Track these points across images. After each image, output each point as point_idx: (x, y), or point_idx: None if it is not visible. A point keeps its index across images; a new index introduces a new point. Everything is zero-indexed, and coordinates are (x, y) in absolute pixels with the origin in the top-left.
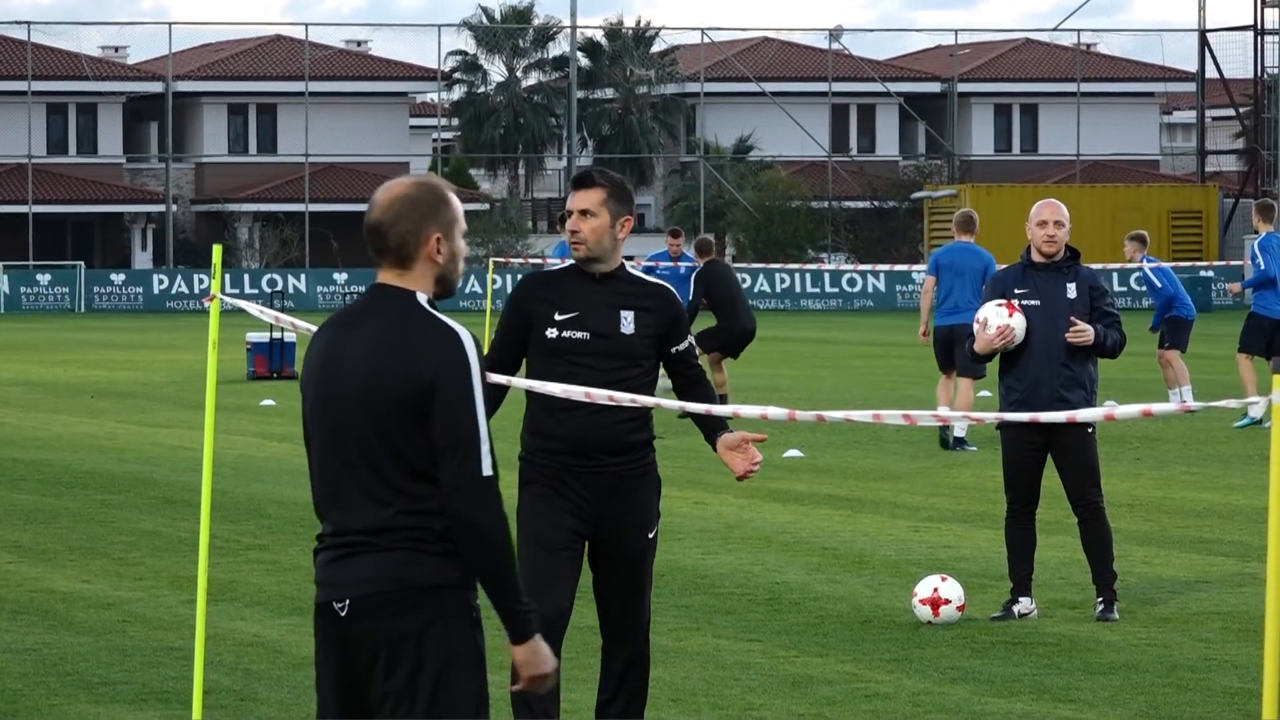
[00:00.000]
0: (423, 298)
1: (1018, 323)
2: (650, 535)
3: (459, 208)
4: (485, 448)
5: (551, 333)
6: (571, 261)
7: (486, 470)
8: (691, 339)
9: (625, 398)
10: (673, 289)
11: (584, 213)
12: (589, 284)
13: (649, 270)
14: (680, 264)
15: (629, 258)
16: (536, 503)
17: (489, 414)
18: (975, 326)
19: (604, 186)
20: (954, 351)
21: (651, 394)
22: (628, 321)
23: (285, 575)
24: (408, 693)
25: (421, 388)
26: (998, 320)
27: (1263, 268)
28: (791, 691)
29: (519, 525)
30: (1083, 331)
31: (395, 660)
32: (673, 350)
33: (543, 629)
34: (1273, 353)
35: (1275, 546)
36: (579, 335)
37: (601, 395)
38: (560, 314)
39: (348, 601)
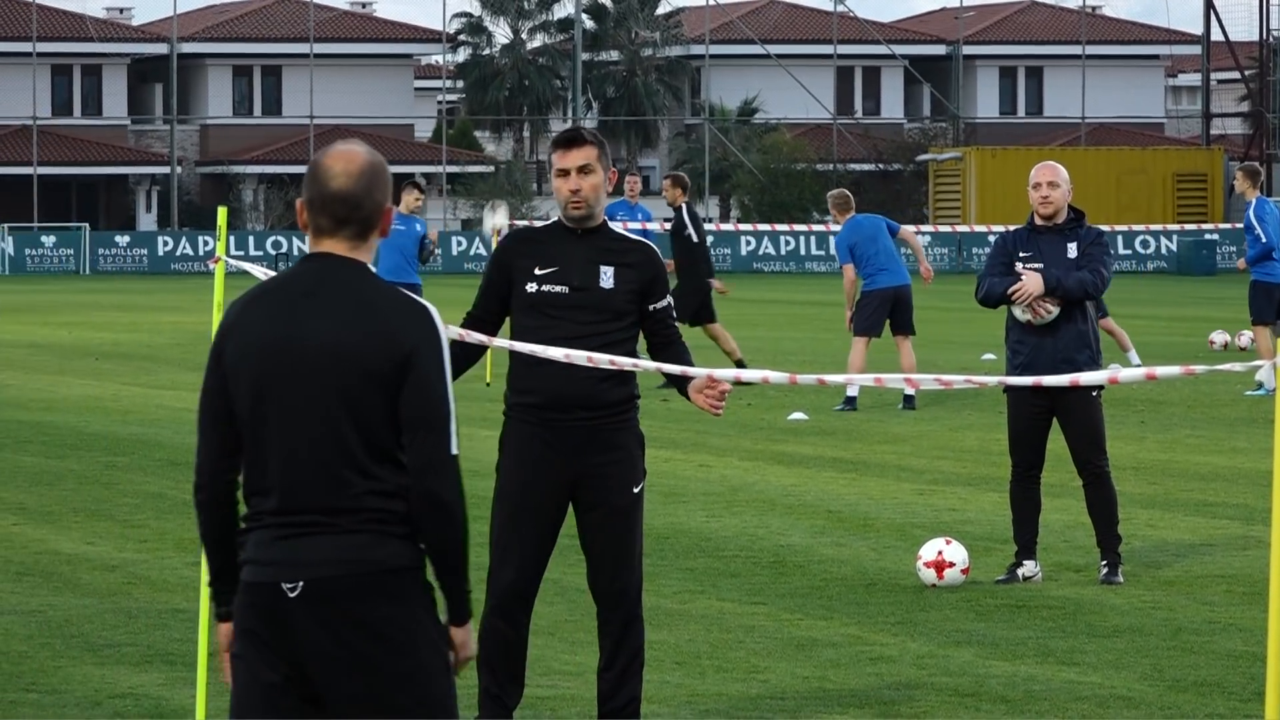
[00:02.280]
0: (373, 270)
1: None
2: (635, 490)
3: None
4: (453, 426)
5: (531, 287)
6: (556, 218)
7: (454, 449)
8: (670, 300)
9: (604, 359)
10: (655, 247)
11: (582, 169)
12: (571, 239)
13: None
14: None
15: None
16: (517, 465)
17: (457, 374)
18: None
19: (595, 143)
20: (894, 312)
21: (632, 350)
22: (607, 276)
23: None
24: (376, 680)
25: (397, 362)
26: (1024, 316)
27: (1262, 239)
28: (796, 654)
29: (498, 484)
30: (1021, 286)
31: (361, 645)
32: (650, 308)
33: (501, 599)
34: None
35: (1279, 510)
36: (558, 289)
37: (581, 356)
38: (540, 268)
39: (301, 583)
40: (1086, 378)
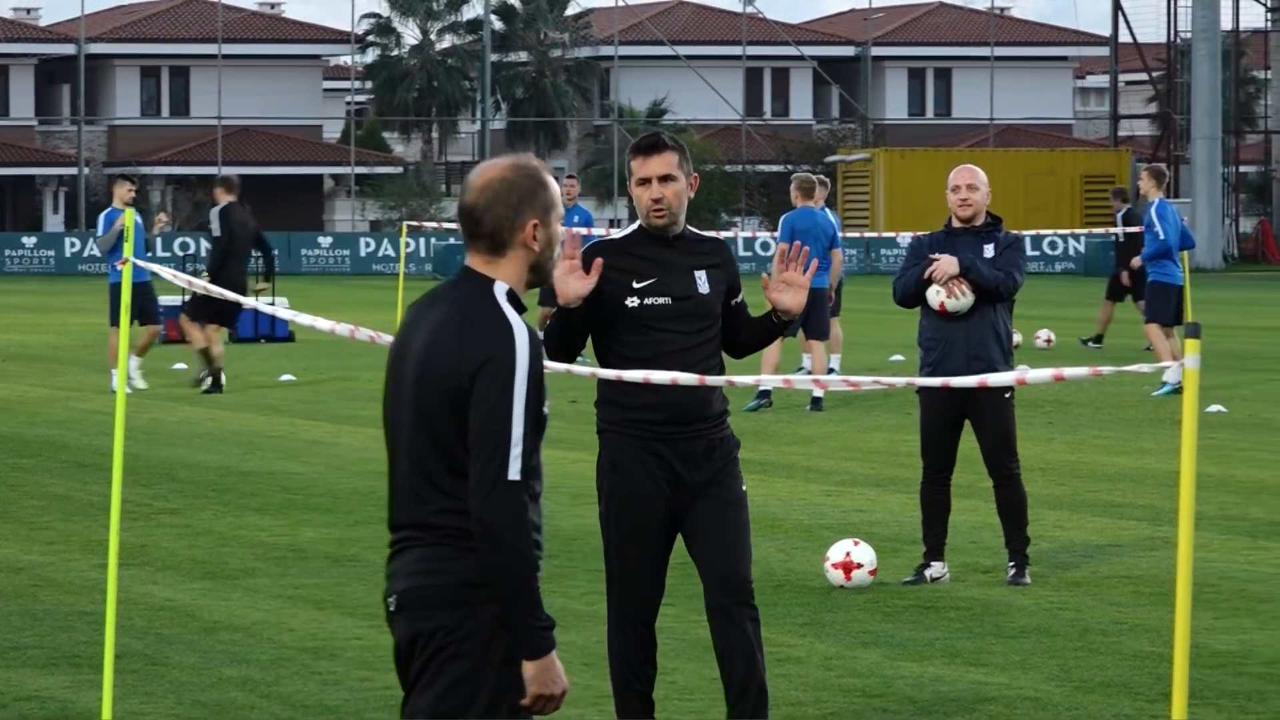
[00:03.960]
0: (502, 287)
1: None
2: (743, 489)
3: (557, 192)
4: (516, 451)
5: (632, 301)
6: (638, 225)
7: (513, 475)
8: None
9: (688, 379)
10: (723, 240)
11: (665, 178)
12: (661, 247)
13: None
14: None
15: None
16: (637, 481)
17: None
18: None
19: (675, 149)
20: (809, 316)
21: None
22: (703, 281)
23: (197, 539)
24: (429, 687)
25: (464, 379)
26: (937, 298)
27: (1161, 236)
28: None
29: (610, 502)
30: (937, 264)
31: (418, 656)
32: (732, 303)
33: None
34: (1179, 319)
35: (1186, 510)
36: (661, 301)
37: (664, 377)
38: (639, 281)
39: (395, 596)
40: (995, 379)
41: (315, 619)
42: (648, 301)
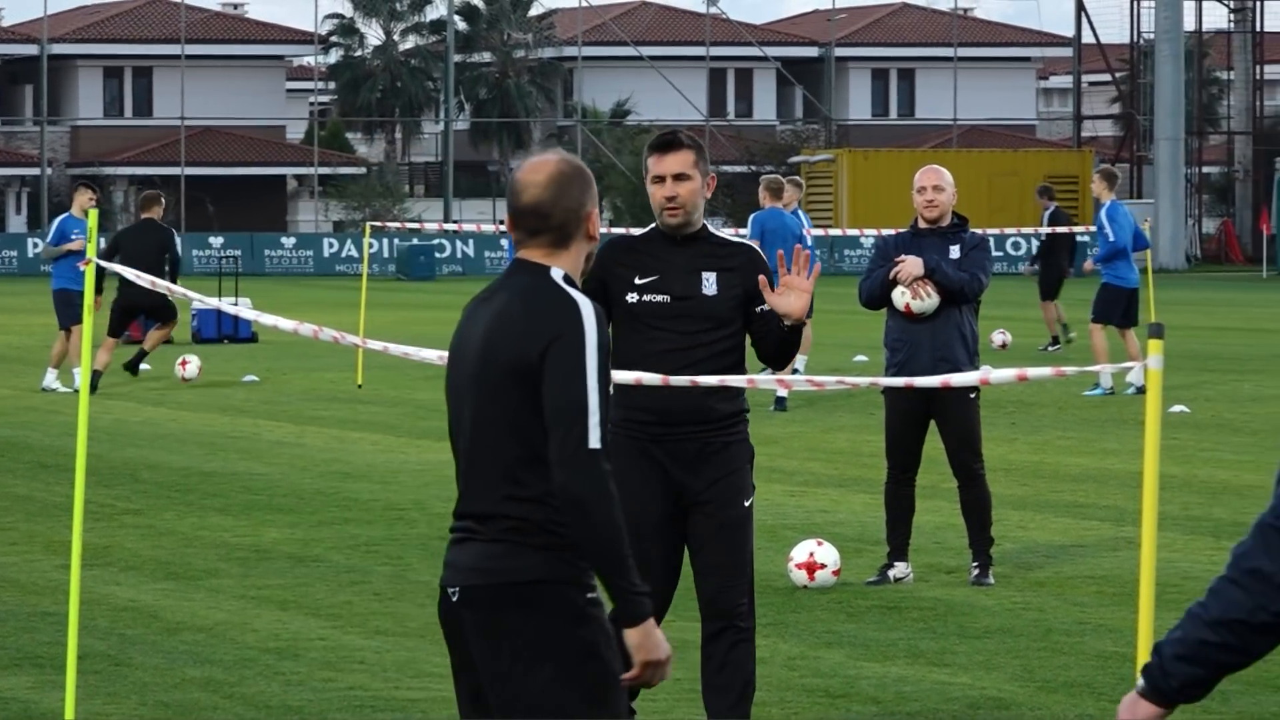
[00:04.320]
0: (558, 272)
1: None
2: (746, 504)
3: None
4: (595, 419)
5: (631, 297)
6: (654, 224)
7: (594, 443)
8: None
9: (711, 380)
10: (757, 248)
11: (679, 177)
12: (671, 246)
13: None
14: None
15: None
16: (630, 484)
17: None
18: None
19: (692, 148)
20: None
21: (740, 358)
22: (709, 283)
23: (160, 540)
24: (505, 687)
25: (534, 355)
26: (903, 299)
27: (1111, 238)
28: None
29: None
30: (902, 265)
31: (494, 653)
32: (757, 310)
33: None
34: (1129, 322)
35: (1149, 511)
36: (659, 299)
37: (683, 381)
38: (640, 278)
39: (458, 589)
40: (959, 379)
41: (278, 619)
42: (646, 298)
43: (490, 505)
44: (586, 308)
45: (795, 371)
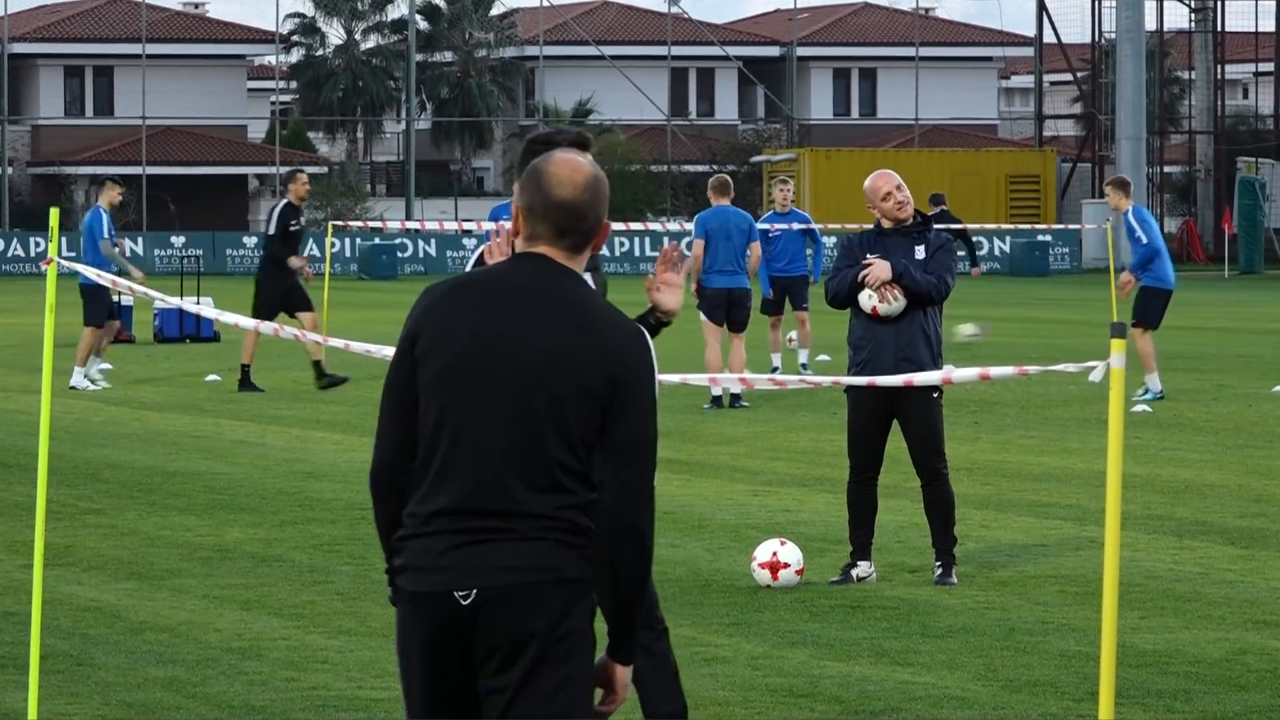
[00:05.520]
0: (585, 280)
1: (883, 306)
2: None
3: None
4: (655, 458)
5: None
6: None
7: (652, 480)
8: None
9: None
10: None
11: None
12: None
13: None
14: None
15: (468, 220)
16: None
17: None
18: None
19: (590, 145)
20: (730, 311)
21: None
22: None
23: (123, 540)
24: (526, 689)
25: (612, 378)
26: (870, 302)
27: (1145, 241)
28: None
29: None
30: (870, 269)
31: (516, 655)
32: None
33: None
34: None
35: (1112, 510)
36: None
37: None
38: None
39: (474, 590)
40: (921, 378)
41: (241, 619)
42: None
43: (528, 505)
44: (649, 340)
45: (804, 367)
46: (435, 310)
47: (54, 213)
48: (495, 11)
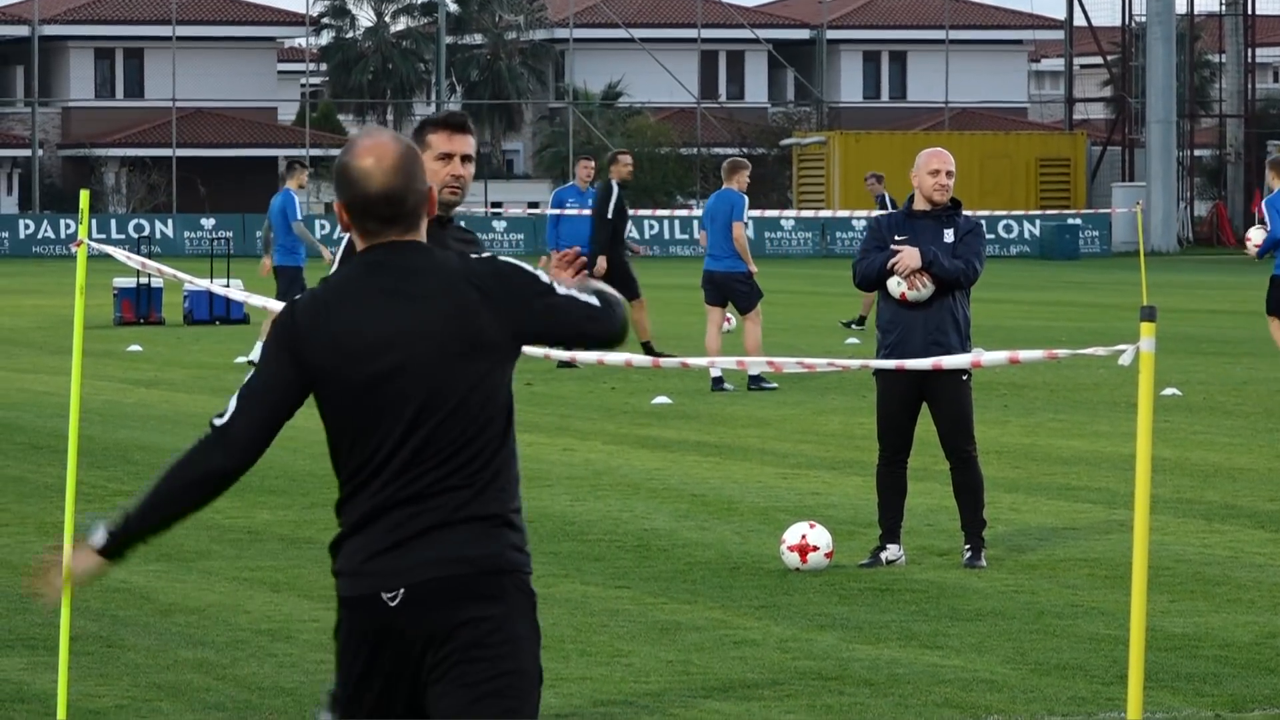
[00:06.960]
0: (429, 245)
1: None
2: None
3: None
4: (588, 305)
5: None
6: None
7: (598, 312)
8: None
9: (641, 360)
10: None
11: (466, 158)
12: (436, 228)
13: (559, 203)
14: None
15: (497, 204)
16: None
17: None
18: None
19: (474, 132)
20: (720, 294)
21: None
22: None
23: None
24: (471, 684)
25: (481, 296)
26: (899, 289)
27: (1269, 228)
28: (660, 638)
29: None
30: (900, 257)
31: (465, 651)
32: None
33: None
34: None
35: (1142, 493)
36: None
37: (618, 359)
38: None
39: (401, 590)
40: (949, 361)
41: (271, 601)
42: None
43: (450, 499)
44: (479, 239)
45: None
46: (324, 320)
47: (84, 195)
48: None
